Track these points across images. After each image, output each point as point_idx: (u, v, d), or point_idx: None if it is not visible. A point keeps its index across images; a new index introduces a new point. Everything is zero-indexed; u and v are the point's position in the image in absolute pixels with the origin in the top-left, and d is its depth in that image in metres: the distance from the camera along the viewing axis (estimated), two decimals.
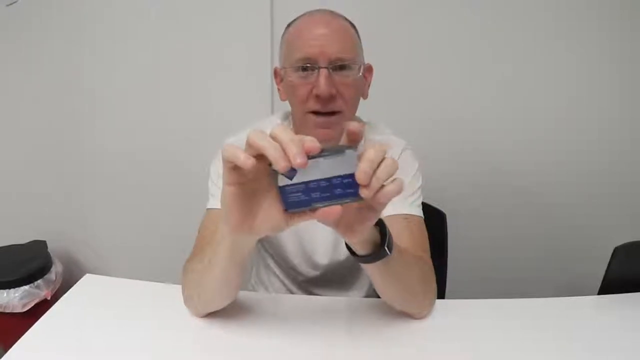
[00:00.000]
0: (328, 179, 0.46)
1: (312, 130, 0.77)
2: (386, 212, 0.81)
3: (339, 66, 0.74)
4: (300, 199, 0.48)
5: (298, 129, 0.84)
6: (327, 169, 0.46)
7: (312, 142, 0.44)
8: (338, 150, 0.46)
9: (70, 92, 1.60)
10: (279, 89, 0.84)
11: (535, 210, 1.56)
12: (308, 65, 0.74)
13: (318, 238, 0.90)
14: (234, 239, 0.57)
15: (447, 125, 1.50)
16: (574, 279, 1.40)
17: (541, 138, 1.49)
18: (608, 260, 0.90)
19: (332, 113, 0.75)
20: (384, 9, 1.40)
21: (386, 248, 0.59)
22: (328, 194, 0.47)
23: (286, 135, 0.44)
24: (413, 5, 1.40)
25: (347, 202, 0.47)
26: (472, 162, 1.52)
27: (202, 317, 0.74)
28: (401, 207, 0.79)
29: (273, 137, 0.45)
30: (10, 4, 1.53)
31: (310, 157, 0.45)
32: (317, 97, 0.73)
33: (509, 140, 1.50)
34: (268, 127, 0.90)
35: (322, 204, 0.48)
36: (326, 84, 0.72)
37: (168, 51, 1.51)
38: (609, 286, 0.88)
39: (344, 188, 0.47)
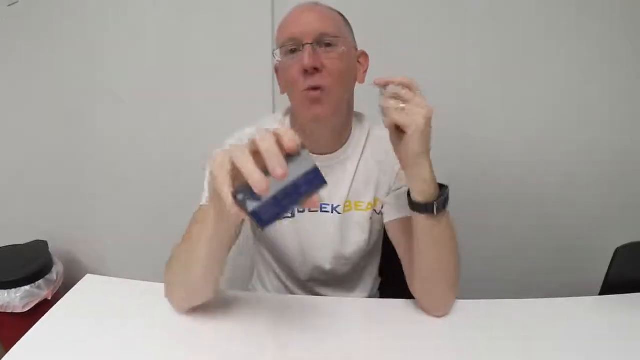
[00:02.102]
0: (293, 184, 0.48)
1: (307, 110, 0.78)
2: (400, 214, 0.82)
3: (324, 43, 0.76)
4: (273, 213, 0.49)
5: (297, 121, 0.86)
6: (289, 174, 0.47)
7: (292, 142, 0.47)
8: (294, 154, 0.47)
9: (71, 92, 1.61)
10: (279, 84, 0.86)
11: (536, 211, 1.56)
12: (294, 45, 0.77)
13: (319, 241, 0.89)
14: (220, 218, 0.60)
15: (449, 124, 1.49)
16: (575, 279, 1.40)
17: (545, 137, 1.49)
18: (609, 261, 0.90)
19: (319, 88, 0.76)
20: (387, 6, 1.40)
21: (435, 207, 0.68)
22: (296, 196, 0.49)
23: (267, 147, 0.46)
24: (417, 2, 1.40)
25: (315, 193, 0.49)
26: (474, 162, 1.52)
27: (185, 311, 0.74)
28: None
29: (253, 144, 0.48)
30: (12, 4, 1.53)
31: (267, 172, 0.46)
32: (304, 71, 0.75)
33: (511, 140, 1.50)
34: (271, 124, 0.91)
35: (294, 205, 0.50)
36: (310, 57, 0.74)
37: (168, 50, 1.51)
38: (610, 287, 0.88)
39: (308, 184, 0.48)
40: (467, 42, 1.42)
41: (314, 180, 0.48)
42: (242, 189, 0.48)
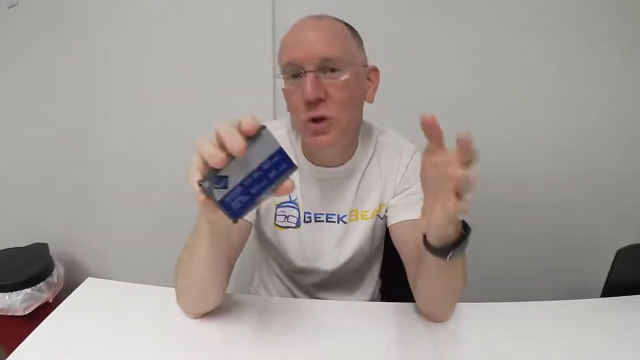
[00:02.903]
0: (259, 168, 0.47)
1: (310, 139, 0.76)
2: (403, 218, 0.81)
3: (328, 68, 0.71)
4: (243, 202, 0.48)
5: (303, 137, 0.84)
6: (253, 159, 0.46)
7: (249, 125, 0.46)
8: (255, 136, 0.46)
9: (72, 95, 1.61)
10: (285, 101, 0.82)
11: (538, 212, 1.56)
12: (295, 70, 0.72)
13: (321, 244, 0.89)
14: (211, 219, 0.58)
15: (450, 124, 1.48)
16: (577, 281, 1.40)
17: (545, 138, 1.49)
18: (611, 262, 0.90)
19: (323, 118, 0.73)
20: (391, 13, 1.40)
21: (451, 253, 0.60)
22: (265, 182, 0.47)
23: (222, 127, 0.46)
24: (422, 10, 1.40)
25: (285, 178, 0.48)
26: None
27: (195, 316, 0.74)
28: (416, 211, 0.78)
29: (215, 132, 0.47)
30: (12, 6, 1.53)
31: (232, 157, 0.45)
32: (306, 102, 0.71)
33: (513, 139, 1.49)
34: (278, 129, 0.90)
35: (266, 194, 0.48)
36: (312, 88, 0.69)
37: (170, 56, 1.51)
38: (612, 289, 0.88)
39: (276, 168, 0.47)
40: (467, 42, 1.42)
41: (281, 163, 0.47)
42: (208, 176, 0.47)
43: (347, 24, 0.78)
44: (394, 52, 1.37)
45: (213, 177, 0.46)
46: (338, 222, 0.87)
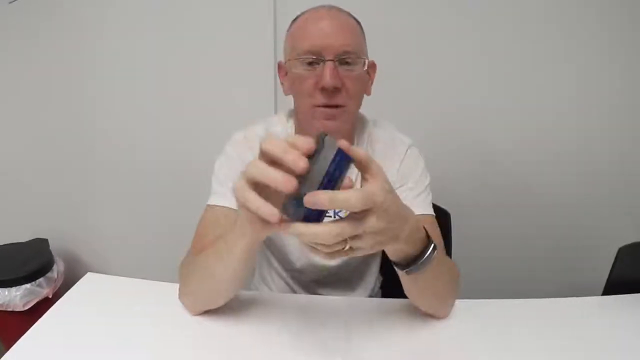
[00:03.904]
0: (327, 173, 0.46)
1: (318, 122, 0.76)
2: None
3: (345, 60, 0.73)
4: (319, 210, 0.47)
5: (302, 124, 0.84)
6: (321, 166, 0.46)
7: (307, 144, 0.45)
8: (319, 146, 0.46)
9: (72, 89, 1.60)
10: (282, 83, 0.83)
11: (539, 210, 1.56)
12: (314, 57, 0.73)
13: None
14: (257, 236, 0.58)
15: (451, 123, 1.49)
16: (578, 279, 1.40)
17: (546, 138, 1.48)
18: (612, 260, 0.90)
19: (336, 106, 0.74)
20: (388, 6, 1.39)
21: (419, 264, 0.61)
22: (332, 183, 0.48)
23: (278, 148, 0.45)
24: (418, 2, 1.39)
25: (345, 174, 0.48)
26: (476, 162, 1.52)
27: (196, 314, 0.74)
28: (413, 207, 0.78)
29: (264, 153, 0.46)
30: (13, 1, 1.52)
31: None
32: (323, 89, 0.72)
33: (514, 139, 1.49)
34: (275, 126, 0.89)
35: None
36: (332, 76, 0.71)
37: (170, 49, 1.51)
38: (613, 287, 0.88)
39: (339, 166, 0.47)
40: (467, 43, 1.42)
41: (343, 159, 0.47)
42: (286, 201, 0.47)
43: (357, 20, 0.80)
44: (393, 50, 1.37)
45: (288, 199, 0.46)
46: (334, 217, 0.86)
